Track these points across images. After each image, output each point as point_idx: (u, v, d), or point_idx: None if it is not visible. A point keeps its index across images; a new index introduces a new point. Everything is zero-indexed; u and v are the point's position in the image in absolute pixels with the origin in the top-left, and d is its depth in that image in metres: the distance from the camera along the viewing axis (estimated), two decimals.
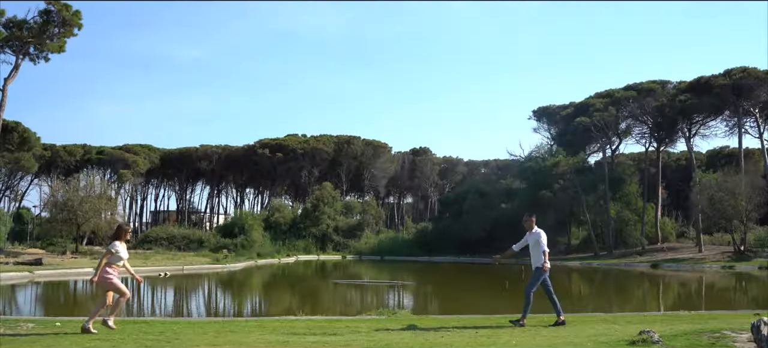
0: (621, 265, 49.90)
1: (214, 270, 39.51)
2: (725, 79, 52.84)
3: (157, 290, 27.95)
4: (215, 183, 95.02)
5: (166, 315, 18.00)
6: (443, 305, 23.40)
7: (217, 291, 29.77)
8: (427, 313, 14.15)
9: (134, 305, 20.71)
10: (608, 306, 22.60)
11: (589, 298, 28.25)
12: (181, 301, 24.31)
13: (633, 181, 62.07)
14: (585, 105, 63.02)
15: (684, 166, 78.36)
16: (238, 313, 20.39)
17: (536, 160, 62.61)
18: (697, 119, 57.55)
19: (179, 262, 39.46)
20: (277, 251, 58.77)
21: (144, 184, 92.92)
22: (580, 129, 60.00)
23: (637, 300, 26.56)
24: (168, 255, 47.25)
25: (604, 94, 62.63)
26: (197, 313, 19.80)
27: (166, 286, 29.53)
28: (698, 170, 55.96)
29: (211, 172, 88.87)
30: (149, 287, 28.52)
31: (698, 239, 52.85)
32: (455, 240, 63.54)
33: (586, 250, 60.52)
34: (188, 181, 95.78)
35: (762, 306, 17.43)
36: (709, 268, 44.59)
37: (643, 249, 55.47)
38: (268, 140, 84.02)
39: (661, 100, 57.74)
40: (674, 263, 47.90)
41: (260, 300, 25.27)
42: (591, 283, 37.46)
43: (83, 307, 18.67)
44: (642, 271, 44.91)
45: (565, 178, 58.65)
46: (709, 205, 48.35)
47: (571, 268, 48.72)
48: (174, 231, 64.47)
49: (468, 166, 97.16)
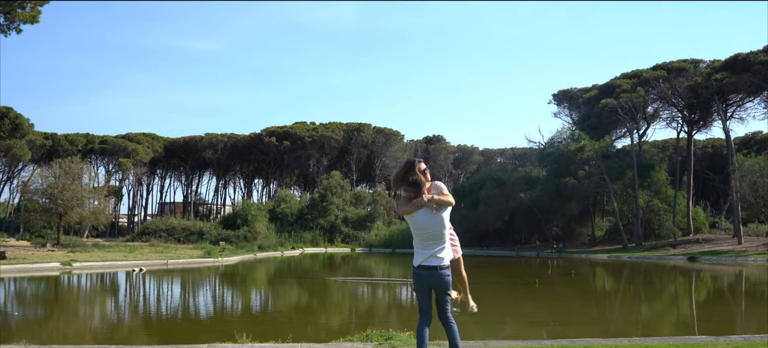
0: (653, 258, 45.75)
1: (204, 264, 35.84)
2: (766, 55, 48.47)
3: (84, 292, 23.99)
4: (222, 173, 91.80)
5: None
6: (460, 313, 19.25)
7: (166, 293, 24.17)
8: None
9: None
10: (678, 314, 18.59)
11: (640, 301, 24.13)
12: (88, 308, 18.86)
13: (662, 168, 57.82)
14: (610, 86, 58.79)
15: (710, 154, 74.25)
16: (160, 329, 14.85)
17: (559, 146, 58.41)
18: (734, 100, 53.07)
19: (166, 256, 35.78)
20: (281, 244, 55.28)
21: (148, 174, 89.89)
22: (606, 112, 55.73)
23: (705, 306, 22.40)
24: (159, 248, 43.76)
25: (631, 75, 58.42)
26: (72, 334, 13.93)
27: (99, 288, 25.67)
28: (738, 154, 51.44)
29: (217, 161, 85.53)
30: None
31: (737, 229, 48.53)
32: (471, 231, 59.79)
33: (612, 241, 56.45)
34: (194, 172, 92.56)
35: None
36: (753, 261, 40.36)
37: (676, 240, 51.25)
38: (275, 128, 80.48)
39: (693, 79, 53.42)
40: (713, 256, 43.69)
41: (214, 308, 19.36)
42: (630, 280, 33.29)
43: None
44: (675, 265, 40.82)
45: (590, 165, 54.54)
46: (750, 192, 44.01)
47: (599, 262, 44.69)
48: (174, 222, 61.39)
49: (484, 155, 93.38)
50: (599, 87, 61.82)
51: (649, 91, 56.03)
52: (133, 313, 17.63)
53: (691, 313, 18.69)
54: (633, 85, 55.89)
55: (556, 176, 55.98)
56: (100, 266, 30.72)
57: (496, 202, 58.91)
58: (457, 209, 67.24)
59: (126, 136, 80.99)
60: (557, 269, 36.53)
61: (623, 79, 58.54)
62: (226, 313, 17.86)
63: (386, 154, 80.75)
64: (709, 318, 17.57)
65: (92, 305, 19.24)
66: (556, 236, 59.51)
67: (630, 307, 20.53)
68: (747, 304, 21.13)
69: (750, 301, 22.34)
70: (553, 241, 57.93)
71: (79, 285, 25.09)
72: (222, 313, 17.80)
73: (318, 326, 14.81)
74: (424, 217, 5.54)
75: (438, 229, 5.55)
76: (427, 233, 5.56)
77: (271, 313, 18.15)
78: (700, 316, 17.81)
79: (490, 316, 15.89)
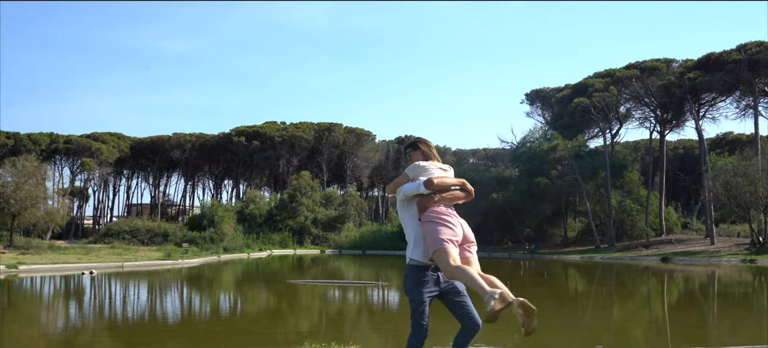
0: (626, 259, 45.15)
1: (163, 267, 34.34)
2: (739, 53, 48.21)
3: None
4: (190, 174, 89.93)
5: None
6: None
7: (106, 298, 22.49)
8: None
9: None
10: (650, 317, 17.70)
11: (617, 304, 23.29)
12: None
13: (635, 168, 57.40)
14: (583, 85, 58.28)
15: (681, 154, 74.17)
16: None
17: (531, 146, 57.68)
18: (707, 99, 52.84)
19: (124, 258, 34.24)
20: (248, 245, 53.94)
21: (115, 175, 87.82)
22: (578, 111, 55.16)
23: (689, 308, 21.55)
24: (120, 249, 42.08)
25: (604, 74, 57.98)
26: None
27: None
28: (711, 154, 51.04)
29: (186, 162, 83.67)
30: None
31: (710, 230, 48.15)
32: None
33: (585, 242, 55.87)
34: (162, 172, 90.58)
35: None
36: (726, 262, 39.86)
37: (648, 241, 50.76)
38: (244, 128, 78.93)
39: (666, 79, 53.09)
40: (686, 256, 43.15)
41: (148, 315, 17.60)
42: (604, 282, 32.50)
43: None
44: (648, 266, 40.19)
45: (562, 164, 53.86)
46: (724, 192, 43.50)
47: (571, 263, 43.96)
48: (139, 224, 59.84)
49: (456, 155, 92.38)
50: (572, 86, 61.28)
51: (621, 90, 55.64)
52: (64, 318, 16.24)
53: (663, 317, 17.81)
54: (606, 84, 55.44)
55: (528, 176, 55.23)
56: (49, 269, 29.17)
57: (468, 203, 57.54)
58: None
59: (91, 136, 79.02)
60: (529, 270, 35.67)
61: (596, 78, 58.07)
62: (158, 321, 16.42)
63: (357, 155, 79.57)
64: (697, 325, 16.68)
65: (20, 311, 17.79)
66: (528, 237, 58.80)
67: (606, 311, 19.63)
68: (726, 308, 20.35)
69: (732, 304, 21.58)
70: (525, 242, 57.20)
71: (20, 289, 23.56)
72: (152, 321, 16.36)
73: (257, 336, 13.57)
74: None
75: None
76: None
77: (208, 320, 16.80)
78: (685, 322, 16.92)
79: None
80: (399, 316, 17.62)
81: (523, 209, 55.70)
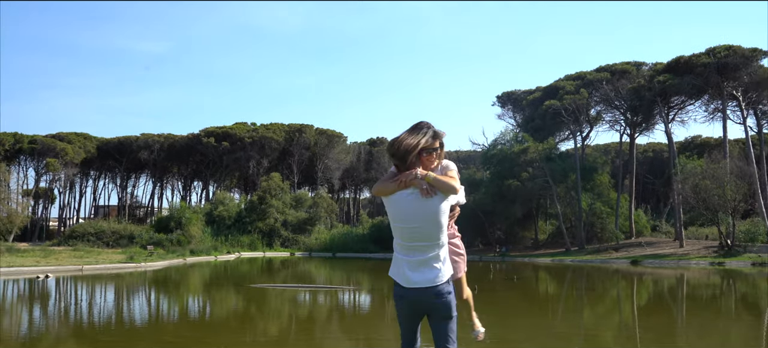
0: (596, 262, 45.15)
1: (124, 270, 33.43)
2: (708, 57, 48.44)
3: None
4: (158, 175, 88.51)
5: None
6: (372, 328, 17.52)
7: (53, 302, 21.36)
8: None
9: None
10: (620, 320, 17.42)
11: (589, 308, 23.02)
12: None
13: (605, 171, 57.52)
14: (554, 88, 58.31)
15: (650, 158, 74.66)
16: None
17: (502, 148, 57.53)
18: (676, 102, 53.11)
19: (84, 261, 33.27)
20: (215, 248, 53.07)
21: (81, 176, 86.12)
22: (549, 114, 55.17)
23: (660, 312, 21.31)
24: (82, 252, 40.99)
25: (575, 76, 58.10)
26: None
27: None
28: (681, 157, 51.26)
29: (154, 163, 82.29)
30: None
31: (679, 233, 48.34)
32: None
33: (555, 245, 55.84)
34: (129, 173, 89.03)
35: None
36: (695, 264, 40.01)
37: (618, 244, 50.84)
38: (213, 128, 77.77)
39: (636, 81, 53.27)
40: (656, 259, 43.23)
41: (90, 320, 16.71)
42: (574, 284, 32.29)
43: None
44: (618, 269, 40.22)
45: (533, 167, 53.75)
46: (693, 195, 43.65)
47: (542, 266, 43.80)
48: (104, 226, 58.56)
49: None
50: (543, 89, 61.27)
51: (592, 93, 55.73)
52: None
53: (634, 321, 17.53)
54: (576, 86, 55.51)
55: (499, 178, 55.03)
56: (3, 273, 28.14)
57: None
58: None
59: (56, 136, 77.26)
60: (500, 273, 35.36)
61: (567, 80, 58.15)
62: (98, 328, 15.68)
63: (328, 156, 78.87)
64: (667, 330, 16.39)
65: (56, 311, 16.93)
66: (499, 239, 58.59)
67: (576, 315, 19.31)
68: (696, 311, 20.17)
69: (702, 307, 21.42)
70: (496, 245, 57.00)
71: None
72: (91, 328, 15.62)
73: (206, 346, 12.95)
74: (410, 203, 3.55)
75: (427, 225, 3.56)
76: (412, 229, 3.58)
77: (155, 327, 16.09)
78: (656, 326, 16.64)
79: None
80: (370, 320, 17.13)
81: (494, 211, 55.47)
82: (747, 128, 50.14)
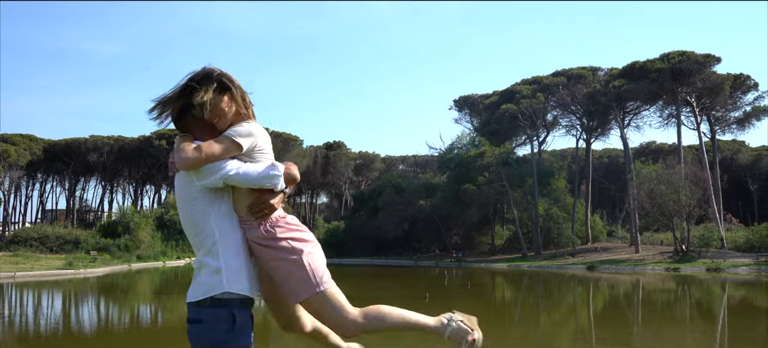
0: (553, 267, 44.73)
1: (62, 277, 31.73)
2: (663, 62, 48.51)
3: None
4: (108, 178, 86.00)
5: None
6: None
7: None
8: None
9: None
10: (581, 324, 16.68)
11: (545, 314, 22.30)
12: None
13: (561, 175, 57.29)
14: (511, 92, 57.99)
15: (606, 163, 74.98)
16: None
17: (459, 152, 56.95)
18: (631, 107, 53.15)
19: (18, 268, 31.52)
20: (164, 253, 51.39)
21: (27, 179, 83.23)
22: (506, 118, 54.78)
23: (616, 318, 20.65)
24: (20, 258, 39.02)
25: (532, 81, 57.89)
26: None
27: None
28: (636, 162, 51.23)
29: (104, 166, 79.88)
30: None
31: (635, 238, 48.24)
32: (370, 240, 57.64)
33: (512, 250, 55.38)
34: (78, 176, 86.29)
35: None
36: (651, 270, 39.75)
37: (575, 249, 50.58)
38: (165, 131, 75.36)
39: (592, 86, 53.24)
40: (611, 264, 42.94)
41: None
42: (530, 290, 31.66)
43: None
44: (574, 274, 39.92)
45: (490, 171, 53.22)
46: (648, 200, 43.52)
47: (498, 272, 43.22)
48: (48, 230, 56.67)
49: (385, 162, 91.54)
50: (500, 93, 60.90)
51: (548, 97, 55.50)
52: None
53: (590, 328, 16.83)
54: (533, 91, 55.25)
55: (456, 183, 54.41)
56: None
57: (395, 210, 56.76)
58: (356, 216, 64.80)
59: (0, 137, 74.46)
60: (455, 280, 34.57)
61: (523, 85, 57.89)
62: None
63: (284, 160, 77.41)
64: (623, 337, 15.70)
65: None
66: (456, 245, 57.97)
67: (531, 324, 18.54)
68: (652, 317, 19.58)
69: (657, 313, 20.88)
70: (452, 250, 56.36)
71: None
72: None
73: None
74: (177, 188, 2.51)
75: (181, 215, 2.50)
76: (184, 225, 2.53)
77: (63, 338, 14.79)
78: (612, 333, 15.94)
79: None
80: None
81: (451, 216, 54.84)
82: (701, 134, 50.44)
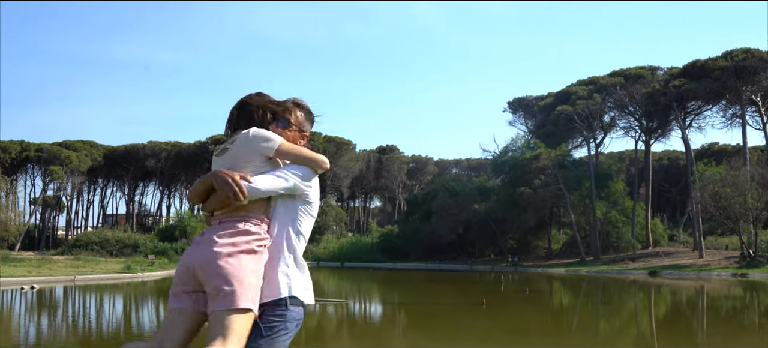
0: (612, 272, 43.55)
1: (120, 280, 32.26)
2: (725, 60, 46.94)
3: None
4: (165, 183, 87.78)
5: None
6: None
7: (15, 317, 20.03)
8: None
9: None
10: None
11: (606, 322, 21.55)
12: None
13: (620, 178, 55.84)
14: (566, 93, 56.90)
15: (666, 166, 72.89)
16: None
17: (513, 154, 56.09)
18: (693, 107, 51.54)
19: (79, 271, 32.14)
20: None
21: (88, 184, 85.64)
22: (562, 119, 53.68)
23: (674, 327, 19.81)
24: (81, 261, 39.94)
25: (588, 81, 56.66)
26: None
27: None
28: (698, 164, 49.58)
29: (161, 171, 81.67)
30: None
31: (698, 243, 46.61)
32: (423, 244, 57.23)
33: (569, 254, 54.25)
34: (137, 182, 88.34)
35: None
36: (717, 276, 38.34)
37: (635, 254, 49.21)
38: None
39: (651, 86, 51.75)
40: (675, 270, 41.56)
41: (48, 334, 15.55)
42: (590, 297, 30.80)
43: None
44: (635, 280, 38.67)
45: (546, 174, 52.20)
46: (712, 203, 41.99)
47: (556, 277, 42.29)
48: (108, 234, 58.11)
49: (438, 166, 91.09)
50: (555, 94, 59.86)
51: (605, 98, 54.22)
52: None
53: (652, 333, 16.08)
54: (589, 91, 54.05)
55: (511, 186, 53.60)
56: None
57: (449, 213, 56.18)
58: (410, 220, 64.46)
59: (63, 144, 76.67)
60: (511, 285, 33.89)
61: (579, 86, 56.72)
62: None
63: (337, 164, 77.63)
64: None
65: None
66: (511, 249, 57.05)
67: (594, 334, 17.86)
68: (728, 328, 18.69)
69: (734, 324, 19.92)
70: (508, 254, 55.50)
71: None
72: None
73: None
74: None
75: None
76: None
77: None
78: (675, 342, 15.20)
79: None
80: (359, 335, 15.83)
81: (506, 220, 54.02)
82: (767, 134, 48.51)
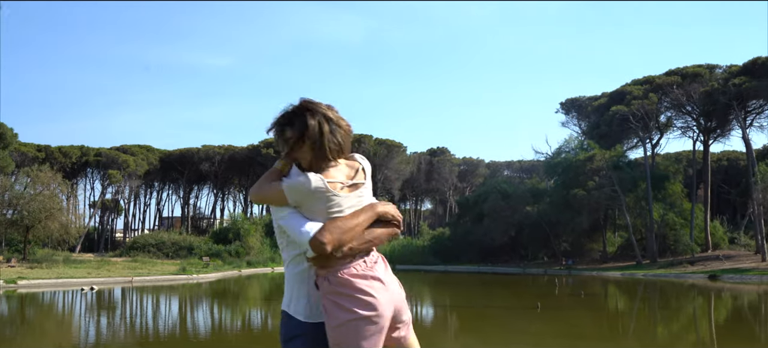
0: (670, 276, 42.43)
1: (176, 281, 32.84)
2: None
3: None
4: (219, 186, 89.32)
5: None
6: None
7: (70, 317, 20.68)
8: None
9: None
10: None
11: (666, 330, 20.99)
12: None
13: (677, 180, 54.40)
14: (620, 93, 55.67)
15: (725, 167, 70.74)
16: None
17: (567, 156, 55.19)
18: (754, 106, 49.88)
19: (136, 273, 32.84)
20: (273, 259, 52.50)
21: (145, 188, 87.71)
22: (616, 120, 52.52)
23: (737, 334, 19.13)
24: (138, 263, 40.83)
25: (643, 81, 55.32)
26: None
27: None
28: (760, 164, 47.97)
29: (215, 174, 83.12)
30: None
31: (761, 246, 45.07)
32: (475, 246, 56.76)
33: (625, 258, 53.09)
34: (191, 185, 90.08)
35: None
36: None
37: (693, 257, 47.88)
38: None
39: (709, 85, 50.26)
40: (736, 274, 40.26)
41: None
42: (648, 302, 30.06)
43: None
44: (694, 284, 37.62)
45: (600, 175, 51.24)
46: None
47: (611, 280, 41.41)
48: (164, 237, 59.31)
49: (489, 168, 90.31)
50: (609, 94, 58.69)
51: (662, 98, 52.87)
52: None
53: (711, 340, 15.53)
54: (645, 91, 52.77)
55: (564, 188, 52.74)
56: (50, 284, 27.88)
57: (501, 216, 55.64)
58: (461, 223, 64.09)
59: (120, 148, 78.74)
60: (565, 288, 33.32)
61: (634, 85, 55.43)
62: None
63: (388, 167, 77.77)
64: None
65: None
66: (565, 252, 56.17)
67: (648, 335, 17.38)
68: None
69: None
70: (561, 257, 54.66)
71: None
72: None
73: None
74: None
75: None
76: None
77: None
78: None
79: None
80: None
81: (559, 222, 53.23)
82: None
